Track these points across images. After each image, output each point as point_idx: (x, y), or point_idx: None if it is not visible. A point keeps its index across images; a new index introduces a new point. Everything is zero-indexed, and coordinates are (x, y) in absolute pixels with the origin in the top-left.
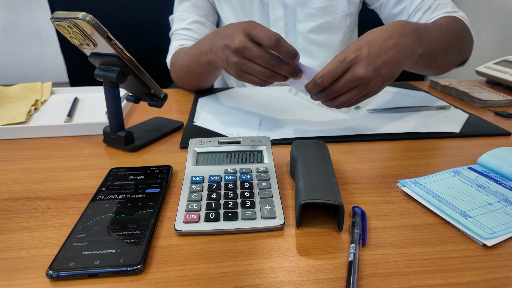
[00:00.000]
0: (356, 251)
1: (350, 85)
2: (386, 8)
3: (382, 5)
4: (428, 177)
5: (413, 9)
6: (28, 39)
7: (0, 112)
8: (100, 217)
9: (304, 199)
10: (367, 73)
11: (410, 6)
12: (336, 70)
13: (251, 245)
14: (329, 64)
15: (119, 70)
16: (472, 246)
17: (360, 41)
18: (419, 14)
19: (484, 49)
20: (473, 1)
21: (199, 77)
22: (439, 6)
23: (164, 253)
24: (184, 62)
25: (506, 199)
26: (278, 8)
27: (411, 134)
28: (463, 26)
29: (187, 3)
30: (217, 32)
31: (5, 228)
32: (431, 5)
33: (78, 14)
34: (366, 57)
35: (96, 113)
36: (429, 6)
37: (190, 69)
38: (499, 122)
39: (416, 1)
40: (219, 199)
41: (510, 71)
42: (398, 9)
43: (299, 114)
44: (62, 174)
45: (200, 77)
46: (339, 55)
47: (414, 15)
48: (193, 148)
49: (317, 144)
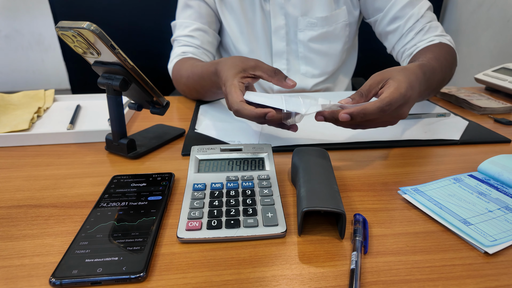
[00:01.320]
0: (358, 258)
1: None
2: (380, 25)
3: (377, 21)
4: (429, 185)
5: (406, 29)
6: (30, 46)
7: (3, 120)
8: (103, 224)
9: (306, 206)
10: (395, 123)
11: (403, 26)
12: (375, 115)
13: (253, 253)
14: (371, 108)
15: (122, 79)
16: (474, 254)
17: (403, 96)
18: (412, 35)
19: (482, 57)
20: (471, 9)
21: (205, 96)
22: (431, 28)
23: (166, 260)
24: (190, 84)
25: (506, 207)
26: (280, 17)
27: (411, 141)
28: (454, 55)
29: (190, 10)
30: (216, 72)
31: (8, 235)
32: (423, 27)
33: (82, 24)
34: (402, 114)
35: (98, 120)
36: (421, 28)
37: (197, 90)
38: (499, 129)
39: (409, 22)
40: (221, 206)
41: (509, 79)
42: (392, 27)
43: (301, 122)
44: (65, 181)
45: (206, 97)
46: (384, 103)
47: (407, 35)
48: (195, 155)
49: (318, 151)
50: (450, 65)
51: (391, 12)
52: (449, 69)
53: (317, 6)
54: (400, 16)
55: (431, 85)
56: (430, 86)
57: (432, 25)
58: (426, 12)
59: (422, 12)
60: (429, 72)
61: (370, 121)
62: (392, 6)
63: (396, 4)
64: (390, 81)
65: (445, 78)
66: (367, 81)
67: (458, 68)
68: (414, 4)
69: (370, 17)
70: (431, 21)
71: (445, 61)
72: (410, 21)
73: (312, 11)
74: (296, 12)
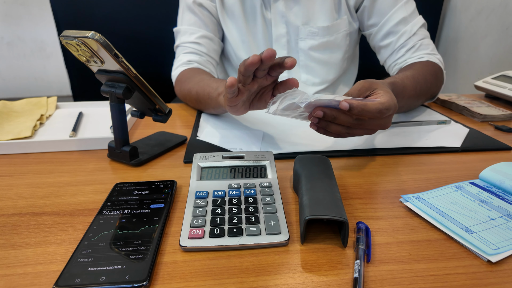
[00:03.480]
0: (361, 267)
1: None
2: (374, 39)
3: (372, 35)
4: (431, 192)
5: (398, 46)
6: (32, 53)
7: (6, 127)
8: (106, 232)
9: (309, 214)
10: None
11: (396, 43)
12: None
13: (256, 261)
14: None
15: (125, 87)
16: (477, 262)
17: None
18: (403, 51)
19: (482, 64)
20: (470, 17)
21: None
22: (421, 46)
23: (169, 269)
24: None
25: (508, 214)
26: (281, 25)
27: (412, 148)
28: (438, 75)
29: (194, 17)
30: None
31: (11, 243)
32: (414, 44)
33: (87, 33)
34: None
35: (100, 127)
36: (412, 45)
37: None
38: (499, 136)
39: (401, 39)
40: (223, 214)
41: (508, 86)
42: (385, 42)
43: (301, 129)
44: (67, 189)
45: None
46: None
47: (398, 51)
48: (198, 162)
49: (320, 159)
50: (429, 85)
51: (385, 27)
52: (427, 88)
53: (319, 16)
54: (393, 32)
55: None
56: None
57: (424, 42)
58: (419, 30)
59: (414, 30)
60: (396, 90)
61: (360, 123)
62: (386, 22)
63: (391, 20)
64: (379, 90)
65: (420, 96)
66: (355, 85)
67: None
68: (408, 21)
69: (365, 30)
70: (423, 38)
71: (423, 81)
72: (402, 38)
73: (313, 20)
74: (298, 21)
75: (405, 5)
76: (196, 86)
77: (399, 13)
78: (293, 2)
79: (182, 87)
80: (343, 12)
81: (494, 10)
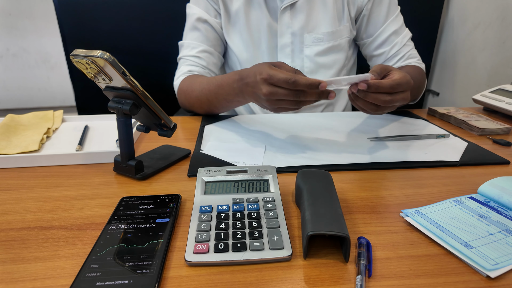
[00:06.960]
0: (362, 282)
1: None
2: (368, 48)
3: (365, 44)
4: (430, 207)
5: (391, 55)
6: (36, 64)
7: (14, 141)
8: (113, 247)
9: (311, 230)
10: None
11: (388, 52)
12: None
13: (259, 276)
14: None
15: (132, 103)
16: (476, 278)
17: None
18: (395, 60)
19: (479, 77)
20: (467, 30)
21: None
22: (411, 55)
23: (175, 284)
24: (203, 96)
25: (507, 229)
26: (286, 36)
27: (411, 162)
28: (423, 78)
29: (198, 32)
30: (241, 78)
31: (20, 257)
32: (404, 54)
33: (96, 53)
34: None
35: (106, 141)
36: (403, 55)
37: (210, 101)
38: (498, 150)
39: (393, 50)
40: (227, 229)
41: (506, 100)
42: (379, 52)
43: (303, 142)
44: (74, 202)
45: (218, 107)
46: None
47: (391, 59)
48: (202, 177)
49: (321, 174)
50: (418, 83)
51: (379, 38)
52: (417, 87)
53: (322, 23)
54: (386, 42)
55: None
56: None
57: (412, 52)
58: (408, 41)
59: (404, 41)
60: None
61: (381, 98)
62: (380, 34)
63: (384, 32)
64: (394, 71)
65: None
66: (374, 67)
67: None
68: (399, 33)
69: (359, 40)
70: (411, 49)
71: (415, 78)
72: (394, 48)
73: (318, 27)
74: (303, 29)
75: (396, 18)
76: (206, 80)
77: (392, 25)
78: (298, 12)
79: (188, 91)
80: (345, 20)
81: (490, 24)
